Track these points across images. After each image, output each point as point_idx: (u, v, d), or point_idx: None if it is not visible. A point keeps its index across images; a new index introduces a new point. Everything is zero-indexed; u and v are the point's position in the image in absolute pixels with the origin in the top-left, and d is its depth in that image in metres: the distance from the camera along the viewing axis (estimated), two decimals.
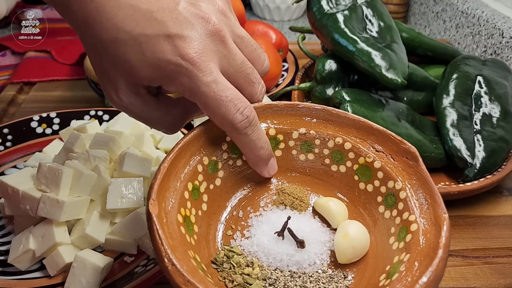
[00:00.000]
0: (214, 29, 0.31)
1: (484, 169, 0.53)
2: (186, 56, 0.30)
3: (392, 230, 0.34)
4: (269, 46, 0.71)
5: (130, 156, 0.45)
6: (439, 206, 0.32)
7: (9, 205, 0.43)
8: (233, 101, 0.32)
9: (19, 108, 0.71)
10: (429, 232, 0.31)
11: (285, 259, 0.34)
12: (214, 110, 0.32)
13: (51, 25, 0.91)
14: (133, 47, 0.30)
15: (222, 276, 0.32)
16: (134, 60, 0.31)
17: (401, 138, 0.36)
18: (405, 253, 0.31)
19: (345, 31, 0.59)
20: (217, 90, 0.31)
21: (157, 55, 0.30)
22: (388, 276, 0.31)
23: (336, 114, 0.39)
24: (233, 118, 0.32)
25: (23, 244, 0.41)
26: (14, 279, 0.41)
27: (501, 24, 0.77)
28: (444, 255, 0.28)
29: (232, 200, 0.38)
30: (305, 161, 0.40)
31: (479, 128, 0.56)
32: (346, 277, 0.33)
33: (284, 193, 0.39)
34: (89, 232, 0.41)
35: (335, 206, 0.37)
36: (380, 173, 0.37)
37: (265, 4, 1.07)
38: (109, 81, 0.33)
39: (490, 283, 0.43)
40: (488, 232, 0.50)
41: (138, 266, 0.41)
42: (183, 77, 0.31)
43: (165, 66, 0.31)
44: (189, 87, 0.31)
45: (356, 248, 0.34)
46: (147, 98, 0.34)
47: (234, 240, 0.36)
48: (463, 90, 0.60)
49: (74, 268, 0.39)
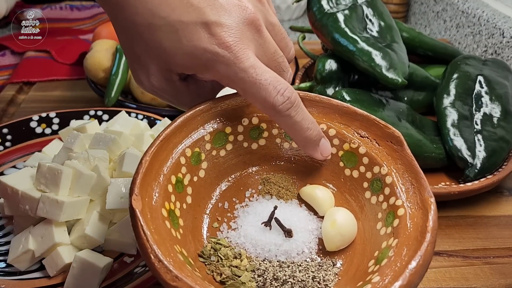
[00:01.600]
0: (250, 17, 0.31)
1: (485, 169, 0.53)
2: (224, 44, 0.30)
3: (379, 215, 0.34)
4: None
5: (130, 156, 0.45)
6: (425, 190, 0.32)
7: (9, 205, 0.43)
8: (273, 83, 0.31)
9: (18, 108, 0.71)
10: (416, 216, 0.31)
11: (273, 249, 0.34)
12: (255, 94, 0.32)
13: (51, 25, 0.91)
14: (169, 34, 0.30)
15: (210, 269, 0.32)
16: (169, 47, 0.30)
17: (385, 122, 0.36)
18: (393, 238, 0.31)
19: (346, 30, 0.59)
20: (256, 75, 0.31)
21: (193, 43, 0.30)
22: (376, 262, 0.31)
23: (320, 100, 0.39)
24: (274, 100, 0.32)
25: (22, 244, 0.41)
26: (13, 279, 0.40)
27: (502, 24, 0.77)
28: (432, 239, 0.28)
29: (216, 192, 0.38)
30: (290, 149, 0.40)
31: (479, 128, 0.56)
32: (335, 264, 0.33)
33: (270, 183, 0.39)
34: (89, 232, 0.41)
35: (322, 194, 0.37)
36: (365, 158, 0.36)
37: None
38: (140, 66, 0.33)
39: (491, 283, 0.43)
40: (488, 232, 0.50)
41: (137, 266, 0.41)
42: (220, 65, 0.31)
43: (201, 54, 0.30)
44: (227, 75, 0.31)
45: (344, 235, 0.34)
46: (178, 84, 0.34)
47: (220, 232, 0.36)
48: (464, 90, 0.60)
49: (74, 269, 0.39)
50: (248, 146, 0.39)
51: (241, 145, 0.39)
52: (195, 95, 0.36)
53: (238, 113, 0.39)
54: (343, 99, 0.55)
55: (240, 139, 0.39)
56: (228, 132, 0.38)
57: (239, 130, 0.39)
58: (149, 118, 0.59)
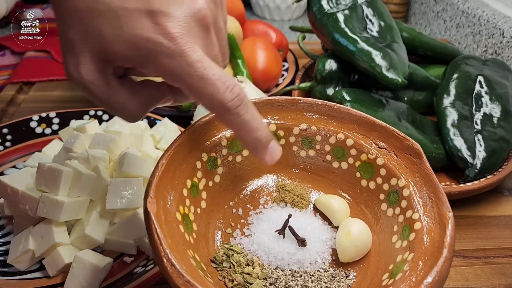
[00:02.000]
0: (201, 13, 0.30)
1: (485, 169, 0.53)
2: (168, 35, 0.28)
3: (395, 228, 0.34)
4: (269, 46, 0.71)
5: (130, 156, 0.44)
6: (444, 205, 0.31)
7: (9, 205, 0.43)
8: (221, 79, 0.29)
9: (18, 108, 0.70)
10: (433, 231, 0.31)
11: (286, 258, 0.33)
12: (201, 90, 0.29)
13: (51, 25, 0.91)
14: (111, 20, 0.28)
15: (222, 276, 0.32)
16: (109, 34, 0.28)
17: (404, 134, 0.36)
18: (408, 252, 0.31)
19: (346, 30, 0.59)
20: (203, 69, 0.29)
21: (135, 31, 0.28)
22: (391, 276, 0.30)
23: (338, 109, 0.39)
24: (223, 97, 0.29)
25: (22, 244, 0.41)
26: (13, 279, 0.40)
27: (502, 24, 0.77)
28: (449, 255, 0.28)
29: (231, 198, 0.38)
30: (306, 157, 0.40)
31: (479, 128, 0.56)
32: (348, 276, 0.33)
33: (285, 190, 0.38)
34: (89, 232, 0.41)
35: (337, 204, 0.36)
36: (382, 170, 0.36)
37: (265, 3, 1.07)
38: (72, 53, 0.30)
39: (491, 283, 0.43)
40: (488, 232, 0.50)
41: (137, 266, 0.41)
42: (164, 57, 0.28)
43: (143, 44, 0.28)
44: (171, 68, 0.29)
45: (359, 247, 0.33)
46: (111, 79, 0.31)
47: (233, 238, 0.35)
48: (464, 90, 0.60)
49: (74, 269, 0.39)
50: None
51: None
52: (127, 96, 0.32)
53: None
54: (343, 99, 0.55)
55: None
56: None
57: None
58: (149, 118, 0.59)
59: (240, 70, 0.66)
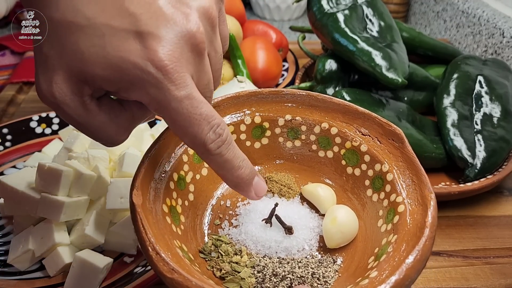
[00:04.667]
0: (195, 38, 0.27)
1: (485, 169, 0.53)
2: (159, 63, 0.25)
3: (380, 212, 0.34)
4: (269, 46, 0.71)
5: (130, 156, 0.45)
6: (426, 186, 0.32)
7: (9, 205, 0.43)
8: (208, 118, 0.27)
9: (18, 108, 0.70)
10: (416, 212, 0.31)
11: (273, 246, 0.34)
12: (186, 129, 0.27)
13: None
14: (92, 38, 0.25)
15: (210, 265, 0.33)
16: (89, 53, 0.25)
17: (386, 120, 0.36)
18: (393, 234, 0.31)
19: (346, 30, 0.59)
20: (191, 107, 0.27)
21: (121, 53, 0.25)
22: (376, 258, 0.31)
23: (322, 99, 0.39)
24: (206, 138, 0.28)
25: (22, 244, 0.41)
26: (13, 279, 0.40)
27: (502, 24, 0.77)
28: (431, 234, 0.28)
29: (219, 190, 0.38)
30: (292, 148, 0.40)
31: (479, 128, 0.56)
32: (335, 261, 0.33)
33: (272, 181, 0.39)
34: (89, 233, 0.41)
35: (323, 192, 0.37)
36: (367, 156, 0.37)
37: (265, 3, 1.07)
38: (45, 69, 0.26)
39: (491, 283, 0.43)
40: (488, 232, 0.50)
41: (137, 266, 0.41)
42: (151, 87, 0.26)
43: (128, 69, 0.25)
44: (157, 100, 0.26)
45: (345, 233, 0.34)
46: (87, 101, 0.27)
47: (222, 229, 0.36)
48: (464, 90, 0.60)
49: (74, 269, 0.39)
50: (251, 145, 0.40)
51: (244, 144, 0.39)
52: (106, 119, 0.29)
53: (241, 112, 0.39)
54: (343, 99, 0.55)
55: (243, 138, 0.39)
56: (231, 131, 0.38)
57: (242, 129, 0.39)
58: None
59: (240, 70, 0.66)
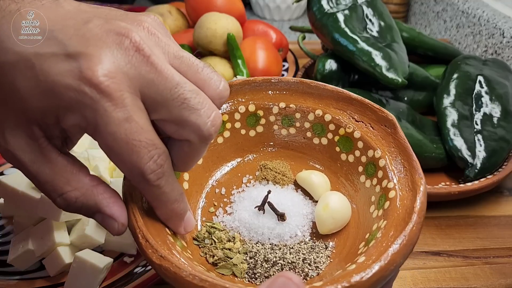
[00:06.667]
0: (133, 46, 0.24)
1: (485, 169, 0.53)
2: (92, 80, 0.23)
3: (373, 198, 0.34)
4: (269, 46, 0.71)
5: None
6: (416, 172, 0.32)
7: (9, 205, 0.43)
8: (148, 147, 0.25)
9: None
10: (406, 198, 0.31)
11: (266, 233, 0.34)
12: (123, 156, 0.25)
13: None
14: (24, 72, 0.23)
15: (203, 252, 0.33)
16: (23, 87, 0.24)
17: (379, 106, 0.37)
18: (383, 220, 0.31)
19: (346, 30, 0.59)
20: (130, 133, 0.24)
21: (52, 78, 0.23)
22: (366, 244, 0.31)
23: (315, 86, 0.39)
24: (145, 168, 0.25)
25: (22, 244, 0.41)
26: (13, 279, 0.40)
27: (502, 24, 0.77)
28: (419, 219, 0.28)
29: (214, 178, 0.39)
30: (287, 135, 0.40)
31: (479, 128, 0.56)
32: (327, 247, 0.34)
33: (267, 169, 0.39)
34: (89, 233, 0.41)
35: (317, 179, 0.37)
36: (360, 142, 0.37)
37: (265, 3, 1.07)
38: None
39: (491, 283, 0.43)
40: (488, 232, 0.50)
41: (137, 266, 0.41)
42: (86, 108, 0.23)
43: (62, 93, 0.23)
44: (93, 123, 0.24)
45: (336, 219, 0.34)
46: (43, 145, 0.25)
47: (216, 217, 0.36)
48: (464, 90, 0.60)
49: (74, 269, 0.39)
50: (246, 133, 0.40)
51: (239, 132, 0.40)
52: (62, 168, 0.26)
53: (235, 100, 0.39)
54: None
55: (238, 127, 0.40)
56: (225, 120, 0.39)
57: (236, 118, 0.39)
58: None
59: (240, 70, 0.66)
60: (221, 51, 0.68)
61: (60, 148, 0.27)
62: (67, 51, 0.23)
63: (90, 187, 0.27)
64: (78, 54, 0.23)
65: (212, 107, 0.27)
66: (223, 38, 0.66)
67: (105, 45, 0.24)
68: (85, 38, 0.24)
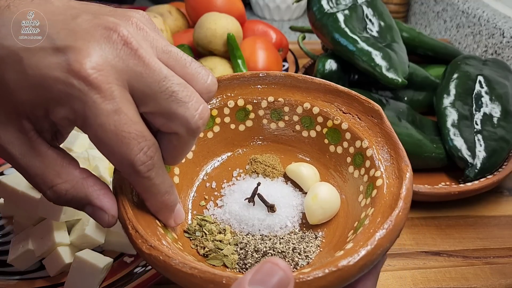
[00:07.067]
0: (121, 40, 0.25)
1: (485, 169, 0.53)
2: (80, 73, 0.23)
3: (361, 188, 0.35)
4: (269, 46, 0.71)
5: None
6: (403, 160, 0.32)
7: (9, 205, 0.43)
8: (137, 138, 0.25)
9: None
10: (393, 185, 0.31)
11: (256, 224, 0.34)
12: (112, 147, 0.25)
13: None
14: (12, 65, 0.24)
15: (194, 244, 0.33)
16: (12, 81, 0.24)
17: (366, 97, 0.37)
18: (371, 207, 0.32)
19: (345, 30, 0.59)
20: (119, 124, 0.24)
21: (41, 71, 0.24)
22: (354, 231, 0.31)
23: (303, 79, 0.40)
24: (135, 159, 0.25)
25: (22, 244, 0.41)
26: (13, 279, 0.40)
27: (502, 24, 0.77)
28: (405, 205, 0.29)
29: (204, 172, 0.39)
30: (276, 129, 0.41)
31: (479, 128, 0.56)
32: (317, 237, 0.34)
33: (256, 162, 0.39)
34: (89, 233, 0.41)
35: (306, 171, 0.37)
36: (348, 134, 0.37)
37: (265, 3, 1.07)
38: None
39: (491, 283, 0.43)
40: (488, 232, 0.50)
41: (137, 266, 0.41)
42: (75, 101, 0.24)
43: (50, 86, 0.24)
44: (83, 115, 0.24)
45: (325, 209, 0.34)
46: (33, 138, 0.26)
47: (207, 210, 0.36)
48: (464, 90, 0.60)
49: (74, 269, 0.39)
50: (235, 128, 0.40)
51: (228, 127, 0.40)
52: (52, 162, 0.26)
53: (224, 95, 0.39)
54: None
55: (227, 121, 0.40)
56: (214, 115, 0.39)
57: (226, 113, 0.40)
58: None
59: (240, 70, 0.66)
60: (221, 51, 0.68)
61: (50, 141, 0.27)
62: (55, 45, 0.24)
63: (80, 179, 0.27)
64: (66, 47, 0.24)
65: (200, 101, 0.27)
66: (223, 38, 0.67)
67: (93, 39, 0.24)
68: (73, 32, 0.24)
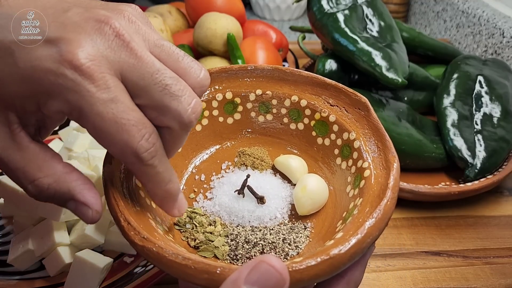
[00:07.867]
0: (113, 32, 0.24)
1: (485, 169, 0.53)
2: (72, 62, 0.23)
3: (349, 179, 0.35)
4: (269, 46, 0.71)
5: None
6: (390, 151, 0.33)
7: (9, 205, 0.43)
8: (137, 125, 0.25)
9: None
10: (380, 176, 0.32)
11: (246, 216, 0.35)
12: (113, 136, 0.24)
13: None
14: (4, 59, 0.24)
15: (185, 236, 0.33)
16: (3, 74, 0.24)
17: (353, 90, 0.37)
18: (359, 198, 0.32)
19: (346, 30, 0.59)
20: (117, 112, 0.24)
21: (32, 63, 0.23)
22: (343, 221, 0.32)
23: (290, 72, 0.40)
24: (138, 146, 0.25)
25: (22, 244, 0.41)
26: (13, 279, 0.40)
27: (502, 24, 0.77)
28: (393, 195, 0.29)
29: (193, 165, 0.39)
30: (265, 122, 0.41)
31: (479, 128, 0.56)
32: (307, 227, 0.34)
33: (245, 155, 0.40)
34: (89, 232, 0.41)
35: (295, 163, 0.38)
36: (335, 126, 0.37)
37: (265, 3, 1.07)
38: None
39: (491, 283, 0.43)
40: (488, 232, 0.50)
41: (137, 266, 0.41)
42: (69, 92, 0.23)
43: (42, 78, 0.23)
44: (78, 106, 0.23)
45: (314, 199, 0.35)
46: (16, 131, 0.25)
47: (197, 202, 0.37)
48: (464, 90, 0.60)
49: (74, 269, 0.39)
50: (224, 121, 0.41)
51: (217, 120, 0.40)
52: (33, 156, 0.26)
53: (212, 88, 0.40)
54: None
55: (216, 114, 0.40)
56: (203, 108, 0.39)
57: (214, 106, 0.40)
58: None
59: None
60: (221, 51, 0.68)
61: (33, 136, 0.27)
62: (47, 37, 0.24)
63: (63, 174, 0.27)
64: (57, 39, 0.24)
65: (193, 95, 0.27)
66: (223, 38, 0.67)
67: (84, 31, 0.24)
68: (64, 25, 0.24)
